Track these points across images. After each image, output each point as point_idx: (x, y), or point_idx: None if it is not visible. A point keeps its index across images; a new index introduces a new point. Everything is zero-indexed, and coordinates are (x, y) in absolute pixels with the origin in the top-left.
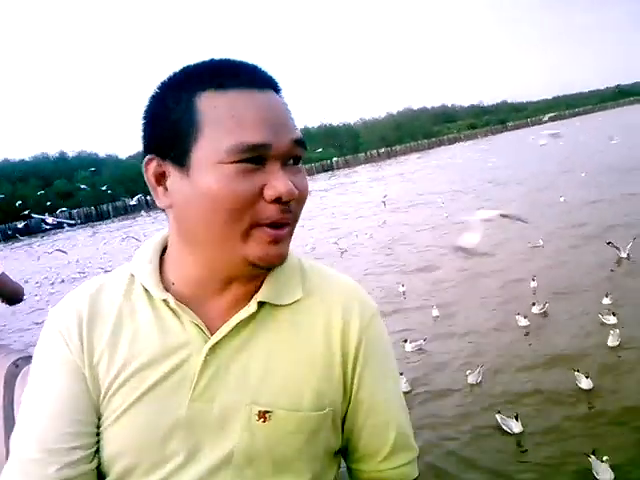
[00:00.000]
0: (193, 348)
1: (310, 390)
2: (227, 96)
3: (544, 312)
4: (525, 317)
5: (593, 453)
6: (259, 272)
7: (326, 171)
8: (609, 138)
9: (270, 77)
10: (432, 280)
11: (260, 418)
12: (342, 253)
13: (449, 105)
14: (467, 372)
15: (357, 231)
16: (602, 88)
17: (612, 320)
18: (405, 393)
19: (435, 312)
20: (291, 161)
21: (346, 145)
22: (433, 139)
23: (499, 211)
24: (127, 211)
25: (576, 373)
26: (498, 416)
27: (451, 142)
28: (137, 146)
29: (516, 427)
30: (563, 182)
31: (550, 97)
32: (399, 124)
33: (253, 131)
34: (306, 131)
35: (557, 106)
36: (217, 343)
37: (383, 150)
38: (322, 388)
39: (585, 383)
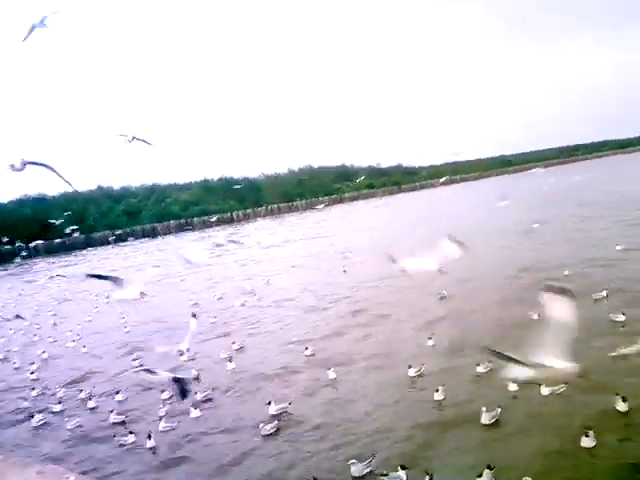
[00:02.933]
0: None
1: None
2: None
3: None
4: None
5: None
6: None
7: (226, 223)
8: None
9: None
10: None
11: None
12: None
13: (348, 165)
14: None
15: None
16: (486, 157)
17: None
18: None
19: None
20: None
21: (248, 199)
22: (333, 196)
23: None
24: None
25: None
26: None
27: (351, 200)
28: (19, 190)
29: None
30: None
31: (439, 163)
32: (301, 180)
33: None
34: (206, 184)
35: (445, 172)
36: None
37: (284, 205)
38: None
39: None
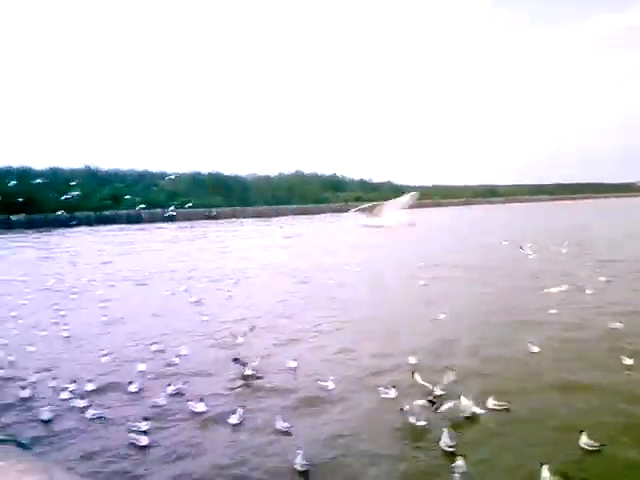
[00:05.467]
0: None
1: None
2: None
3: None
4: None
5: None
6: None
7: (210, 219)
8: None
9: None
10: None
11: None
12: None
13: (339, 176)
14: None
15: None
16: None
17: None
18: None
19: None
20: None
21: (235, 196)
22: (322, 205)
23: None
24: None
25: None
26: None
27: (336, 211)
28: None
29: None
30: None
31: (430, 185)
32: (291, 185)
33: None
34: (195, 176)
35: (431, 194)
36: None
37: (272, 207)
38: None
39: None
